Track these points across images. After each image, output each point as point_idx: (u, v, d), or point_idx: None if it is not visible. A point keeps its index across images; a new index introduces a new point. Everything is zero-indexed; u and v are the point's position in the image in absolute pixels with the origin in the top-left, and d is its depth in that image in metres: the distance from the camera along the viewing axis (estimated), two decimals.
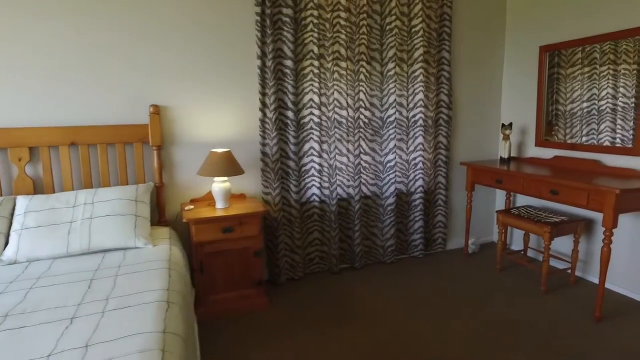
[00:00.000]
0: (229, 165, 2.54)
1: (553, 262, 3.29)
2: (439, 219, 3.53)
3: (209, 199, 2.81)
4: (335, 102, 3.01)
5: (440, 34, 3.29)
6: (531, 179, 2.78)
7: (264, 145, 2.86)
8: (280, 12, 2.77)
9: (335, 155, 3.04)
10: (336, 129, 3.04)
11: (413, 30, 3.16)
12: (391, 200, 3.25)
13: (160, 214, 2.69)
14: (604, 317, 2.50)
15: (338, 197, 3.14)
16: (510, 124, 3.31)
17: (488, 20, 3.52)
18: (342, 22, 2.92)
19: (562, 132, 3.21)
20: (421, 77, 3.20)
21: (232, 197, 2.88)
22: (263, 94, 2.81)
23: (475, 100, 3.58)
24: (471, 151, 3.64)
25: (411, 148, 3.31)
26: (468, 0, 3.41)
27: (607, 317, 2.50)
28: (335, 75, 2.98)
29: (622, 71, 2.72)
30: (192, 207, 2.64)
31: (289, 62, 2.81)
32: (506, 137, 3.33)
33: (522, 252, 3.40)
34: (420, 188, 3.34)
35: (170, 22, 2.61)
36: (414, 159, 3.32)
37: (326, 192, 3.07)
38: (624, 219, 2.77)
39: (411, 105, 3.26)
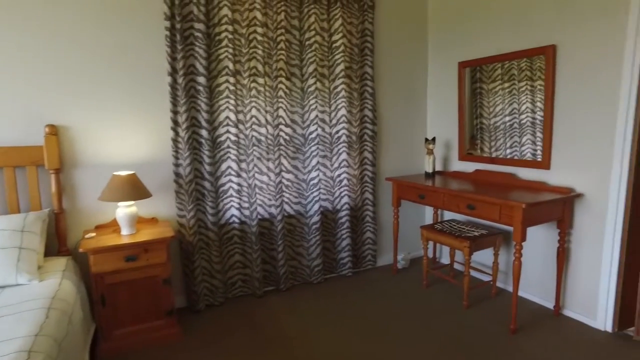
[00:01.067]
0: (134, 189, 2.37)
1: (478, 275, 3.32)
2: (368, 235, 3.50)
3: (114, 225, 2.62)
4: (254, 119, 2.91)
5: (363, 49, 3.28)
6: (450, 194, 2.80)
7: (177, 165, 2.71)
8: (191, 27, 2.66)
9: (254, 175, 2.93)
10: (255, 147, 2.93)
11: (334, 45, 3.13)
12: (316, 218, 3.17)
13: (60, 243, 2.47)
14: (519, 329, 2.52)
15: (259, 217, 3.03)
16: (434, 139, 3.34)
17: (410, 36, 3.56)
18: (259, 38, 2.84)
19: (488, 145, 3.27)
20: (343, 92, 3.17)
21: (142, 221, 2.70)
22: (175, 112, 2.67)
23: (400, 115, 3.59)
24: (398, 166, 3.64)
25: (335, 165, 3.26)
26: (390, 17, 3.43)
27: (522, 328, 2.53)
28: (253, 91, 2.89)
29: (538, 87, 2.79)
30: (93, 234, 2.44)
31: (201, 79, 2.69)
32: (430, 152, 3.36)
33: (449, 266, 3.42)
34: (347, 205, 3.30)
35: (69, 35, 2.43)
36: (339, 175, 3.27)
37: (246, 212, 2.95)
38: (537, 230, 2.83)
39: (334, 122, 3.22)
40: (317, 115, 3.10)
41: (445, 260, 3.70)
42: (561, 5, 2.57)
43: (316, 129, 3.11)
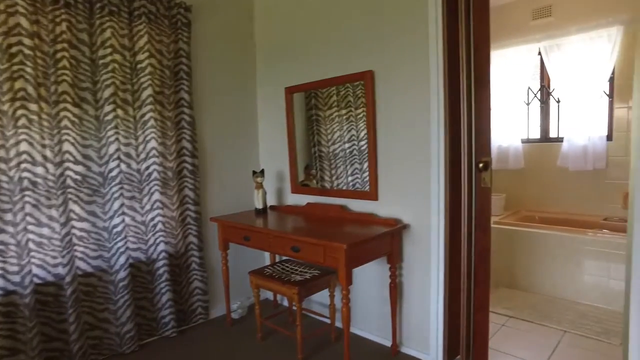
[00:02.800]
0: None
1: (318, 317, 3.05)
2: (196, 285, 3.00)
3: None
4: (24, 156, 2.25)
5: (177, 72, 2.86)
6: (274, 235, 2.48)
7: None
8: None
9: (26, 227, 2.25)
10: (27, 193, 2.26)
11: (139, 66, 2.64)
12: (123, 273, 2.58)
13: None
14: None
15: (38, 282, 2.33)
16: (262, 171, 3.04)
17: (236, 59, 3.25)
18: (27, 52, 2.22)
19: (329, 174, 3.07)
20: (153, 121, 2.69)
21: None
22: None
23: (227, 146, 3.23)
24: (229, 203, 3.25)
25: (147, 207, 2.73)
26: (211, 37, 3.08)
27: None
28: (22, 121, 2.23)
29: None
30: None
31: None
32: (259, 186, 3.04)
33: (288, 310, 3.10)
34: (164, 253, 2.77)
35: None
36: (152, 219, 2.74)
37: (15, 278, 2.23)
38: (372, 265, 2.67)
39: (143, 156, 2.70)
40: (118, 149, 2.56)
41: (287, 302, 3.38)
42: (376, 33, 2.50)
43: (118, 166, 2.55)
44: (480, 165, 2.16)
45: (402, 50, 2.37)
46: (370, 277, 2.70)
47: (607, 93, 3.68)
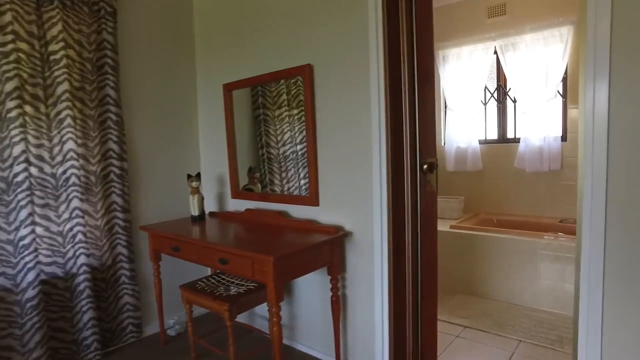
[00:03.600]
0: None
1: (266, 332, 2.82)
2: (127, 300, 2.72)
3: None
4: None
5: (101, 66, 2.57)
6: (202, 245, 2.24)
7: None
8: None
9: None
10: None
11: (52, 58, 2.35)
12: (32, 292, 2.28)
13: None
14: None
15: None
16: (198, 174, 2.79)
17: (173, 53, 2.99)
18: None
19: (278, 177, 2.84)
20: (70, 120, 2.40)
21: None
22: None
23: (163, 148, 2.96)
24: (164, 210, 2.97)
25: (65, 215, 2.44)
26: (143, 29, 2.80)
27: None
28: None
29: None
30: None
31: None
32: (194, 191, 2.79)
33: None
34: (86, 267, 2.48)
35: None
36: (71, 229, 2.45)
37: None
38: (315, 275, 2.46)
39: (59, 159, 2.41)
40: (25, 151, 2.26)
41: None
42: (316, 24, 2.30)
43: (25, 169, 2.25)
44: (425, 166, 1.99)
45: (341, 43, 2.18)
46: (314, 288, 2.49)
47: (561, 93, 3.61)
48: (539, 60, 3.57)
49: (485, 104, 4.08)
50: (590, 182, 1.50)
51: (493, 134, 4.07)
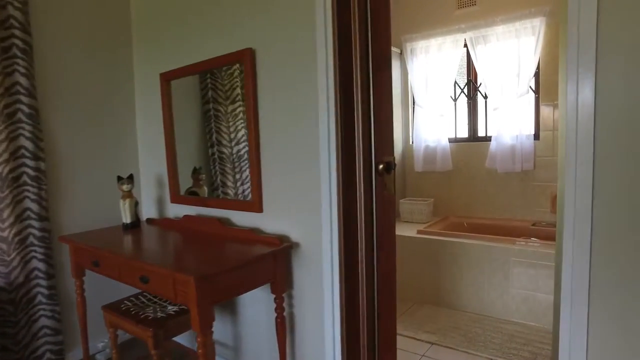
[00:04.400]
0: None
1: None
2: (44, 323, 2.34)
3: None
4: None
5: (7, 49, 2.19)
6: (123, 260, 1.90)
7: None
8: None
9: None
10: None
11: None
12: None
13: None
14: None
15: None
16: (131, 176, 2.44)
17: (105, 37, 2.62)
18: None
19: (232, 179, 2.51)
20: None
21: None
22: None
23: (89, 146, 2.58)
24: (94, 217, 2.60)
25: None
26: (62, 7, 2.43)
27: None
28: None
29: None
30: None
31: None
32: (126, 195, 2.43)
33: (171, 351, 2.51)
34: None
35: None
36: None
37: None
38: (259, 291, 2.14)
39: None
40: None
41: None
42: (256, 3, 1.98)
43: None
44: (381, 167, 1.70)
45: (286, 23, 1.87)
46: (260, 306, 2.17)
47: (533, 89, 3.40)
48: (511, 53, 3.36)
49: (455, 100, 3.85)
50: (573, 185, 1.25)
51: (463, 132, 3.84)
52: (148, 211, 2.81)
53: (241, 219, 2.20)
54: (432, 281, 3.15)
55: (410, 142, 4.02)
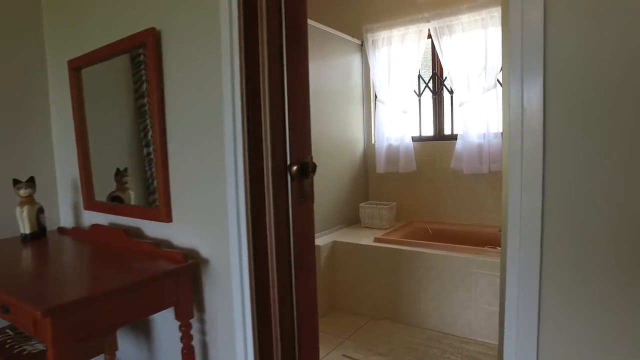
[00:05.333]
0: None
1: None
2: None
3: None
4: None
5: None
6: None
7: None
8: None
9: None
10: None
11: None
12: None
13: None
14: None
15: None
16: (32, 179, 2.10)
17: (10, 19, 2.28)
18: None
19: (146, 183, 2.18)
20: None
21: None
22: None
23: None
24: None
25: None
26: None
27: None
28: None
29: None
30: None
31: None
32: (26, 201, 2.09)
33: None
34: None
35: None
36: None
37: None
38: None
39: None
40: None
41: None
42: None
43: None
44: (294, 169, 1.40)
45: (195, 16, 1.57)
46: (174, 329, 1.85)
47: (501, 83, 3.12)
48: (477, 45, 3.09)
49: (419, 95, 3.57)
50: (519, 187, 0.98)
51: (429, 130, 3.56)
52: (65, 219, 2.47)
53: (151, 229, 1.88)
54: (390, 295, 2.86)
55: (372, 142, 3.73)
